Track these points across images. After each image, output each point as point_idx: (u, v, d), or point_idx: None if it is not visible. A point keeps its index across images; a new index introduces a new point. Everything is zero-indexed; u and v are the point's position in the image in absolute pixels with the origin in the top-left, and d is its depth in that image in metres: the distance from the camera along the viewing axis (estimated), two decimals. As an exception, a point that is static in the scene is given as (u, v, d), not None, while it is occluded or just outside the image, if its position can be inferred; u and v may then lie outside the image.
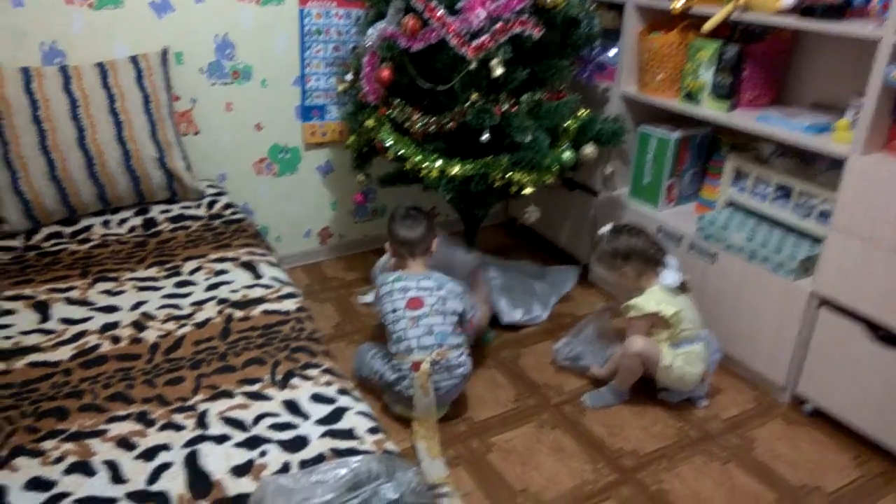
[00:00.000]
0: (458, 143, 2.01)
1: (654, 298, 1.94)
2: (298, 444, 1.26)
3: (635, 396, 2.08)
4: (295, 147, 2.67)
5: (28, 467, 1.18)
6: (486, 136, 1.89)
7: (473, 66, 1.83)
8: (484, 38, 1.81)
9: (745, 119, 2.08)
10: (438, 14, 1.83)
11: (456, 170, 1.93)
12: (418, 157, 1.98)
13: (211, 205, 2.24)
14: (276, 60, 2.49)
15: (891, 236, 1.69)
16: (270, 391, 1.40)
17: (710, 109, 2.17)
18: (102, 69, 2.06)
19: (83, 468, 1.18)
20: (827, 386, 1.94)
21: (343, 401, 1.38)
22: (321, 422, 1.32)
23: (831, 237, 1.85)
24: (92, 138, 2.00)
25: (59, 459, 1.19)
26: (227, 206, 2.27)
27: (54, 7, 2.08)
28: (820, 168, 2.08)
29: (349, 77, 2.23)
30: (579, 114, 2.14)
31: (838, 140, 1.84)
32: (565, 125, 2.07)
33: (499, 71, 1.83)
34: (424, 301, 1.86)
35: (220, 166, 2.54)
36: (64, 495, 1.12)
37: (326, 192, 2.80)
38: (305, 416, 1.33)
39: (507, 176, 1.94)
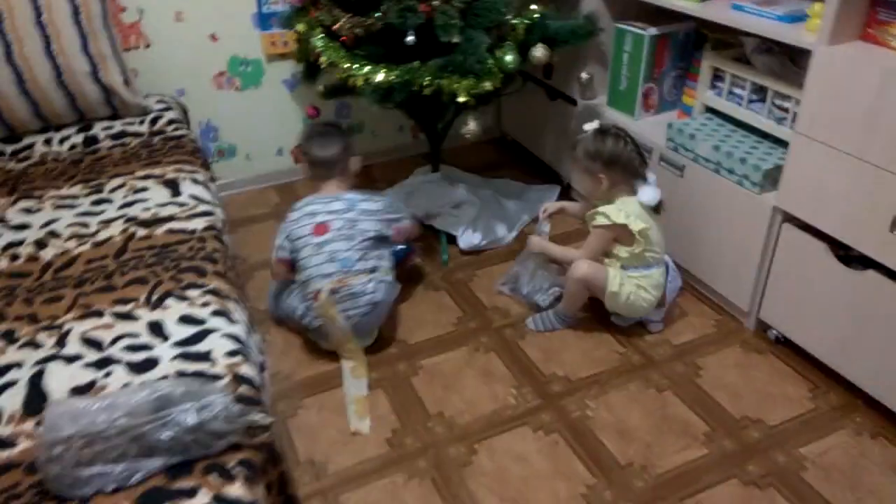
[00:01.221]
0: (391, 47, 1.85)
1: (626, 210, 1.76)
2: (146, 365, 1.22)
3: (585, 319, 1.95)
4: (256, 59, 2.55)
5: None
6: (410, 38, 1.72)
7: (389, -43, 1.64)
8: (397, -77, 1.61)
9: (719, 9, 1.81)
10: None
11: (380, 77, 1.77)
12: (346, 64, 1.83)
13: (154, 121, 2.18)
14: (225, -36, 2.34)
15: (856, 140, 1.46)
16: (140, 311, 1.36)
17: (684, 0, 1.90)
18: (26, -21, 1.98)
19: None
20: (790, 311, 1.75)
21: (213, 322, 1.33)
22: (179, 343, 1.27)
23: (794, 143, 1.62)
24: (19, 53, 1.95)
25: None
26: (171, 121, 2.20)
27: (-25, -86, 2.00)
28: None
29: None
30: (532, 11, 1.91)
31: (810, 29, 1.57)
32: (512, 24, 1.86)
33: (417, -38, 1.63)
34: (331, 226, 1.76)
35: (176, 81, 2.46)
36: None
37: (297, 108, 2.69)
38: (165, 338, 1.28)
39: (434, 83, 1.77)
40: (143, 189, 1.81)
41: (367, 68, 1.78)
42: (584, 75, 2.31)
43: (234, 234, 2.22)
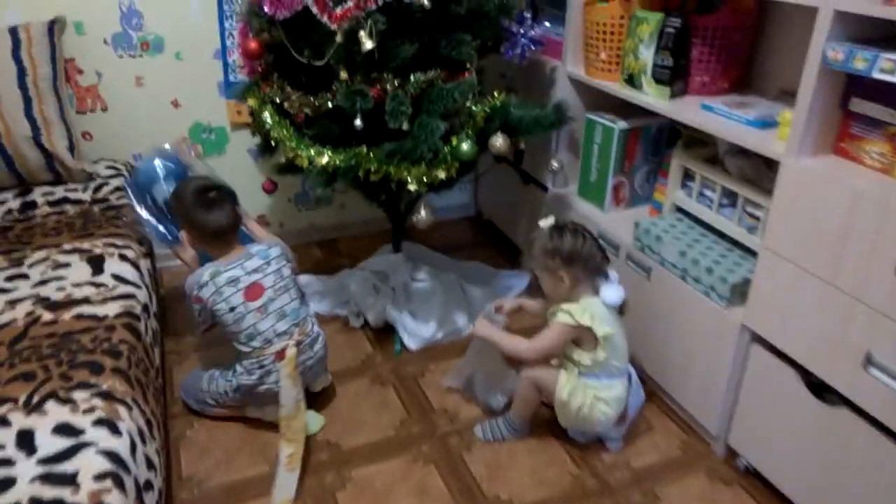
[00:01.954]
0: (343, 127, 1.75)
1: (591, 312, 1.61)
2: (0, 486, 1.05)
3: (541, 429, 1.78)
4: (220, 127, 2.47)
5: None
6: (358, 122, 1.62)
7: (339, 38, 1.56)
8: (349, 4, 1.54)
9: (688, 108, 1.72)
10: (301, -24, 1.56)
11: (324, 160, 1.67)
12: (293, 143, 1.73)
13: (99, 188, 2.08)
14: (192, 31, 2.29)
15: (826, 263, 1.32)
16: (14, 415, 1.20)
17: (651, 96, 1.81)
18: (-27, 39, 1.91)
19: None
20: (760, 440, 1.58)
21: (92, 434, 1.17)
22: (44, 461, 1.11)
23: (762, 258, 1.48)
24: (-44, 114, 1.86)
25: None
26: (118, 189, 2.10)
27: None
28: (781, 171, 1.69)
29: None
30: (495, 98, 1.82)
31: (781, 137, 1.46)
32: (471, 111, 1.77)
33: (368, 44, 1.55)
34: (264, 284, 1.65)
35: (134, 145, 2.37)
36: None
37: (260, 177, 2.58)
38: (31, 451, 1.13)
39: (382, 169, 1.66)
40: (65, 265, 1.69)
41: (311, 150, 1.67)
42: (554, 163, 2.20)
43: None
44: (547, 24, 2.15)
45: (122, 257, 1.75)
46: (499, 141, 1.80)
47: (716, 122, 1.62)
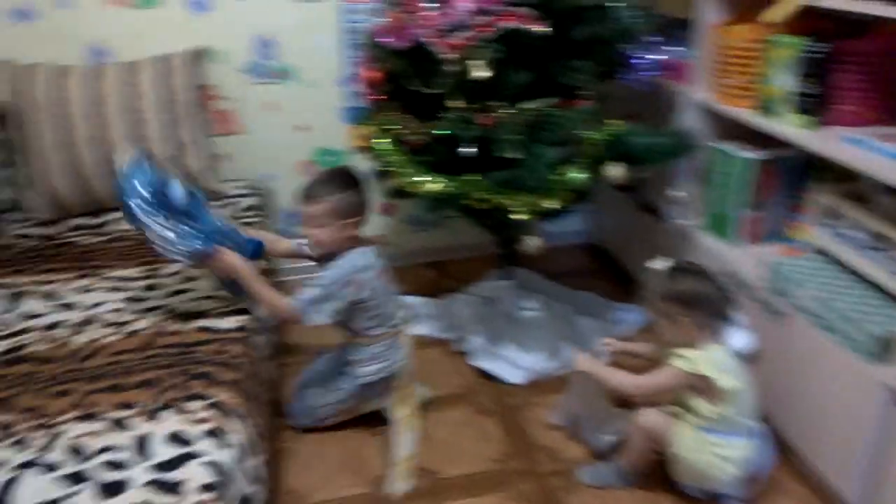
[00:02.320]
0: (453, 156, 1.75)
1: (715, 361, 1.50)
2: (115, 489, 1.13)
3: (651, 479, 1.67)
4: (341, 150, 2.56)
5: None
6: (466, 150, 1.62)
7: (453, 67, 1.56)
8: (465, 34, 1.54)
9: (831, 141, 1.56)
10: (420, 6, 1.58)
11: (433, 187, 1.67)
12: (404, 169, 1.75)
13: (227, 206, 2.21)
14: (319, 59, 2.40)
15: None
16: (135, 421, 1.29)
17: (790, 126, 1.67)
18: (128, 68, 2.11)
19: None
20: (908, 517, 1.38)
21: (200, 445, 1.23)
22: (156, 467, 1.18)
23: (917, 313, 1.30)
24: (109, 135, 2.05)
25: None
26: (249, 207, 2.23)
27: (97, 8, 2.17)
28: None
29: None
30: (611, 125, 1.75)
31: (945, 176, 1.29)
32: (585, 139, 1.71)
33: (479, 73, 1.54)
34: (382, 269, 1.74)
35: (264, 166, 2.51)
36: None
37: (377, 200, 2.65)
38: (145, 458, 1.20)
39: (489, 198, 1.64)
40: (194, 278, 1.80)
41: (420, 177, 1.69)
42: (676, 193, 2.09)
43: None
44: (673, 48, 2.04)
45: (246, 272, 1.84)
46: (614, 170, 1.72)
47: (864, 156, 1.46)
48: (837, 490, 1.57)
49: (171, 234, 1.50)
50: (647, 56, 1.86)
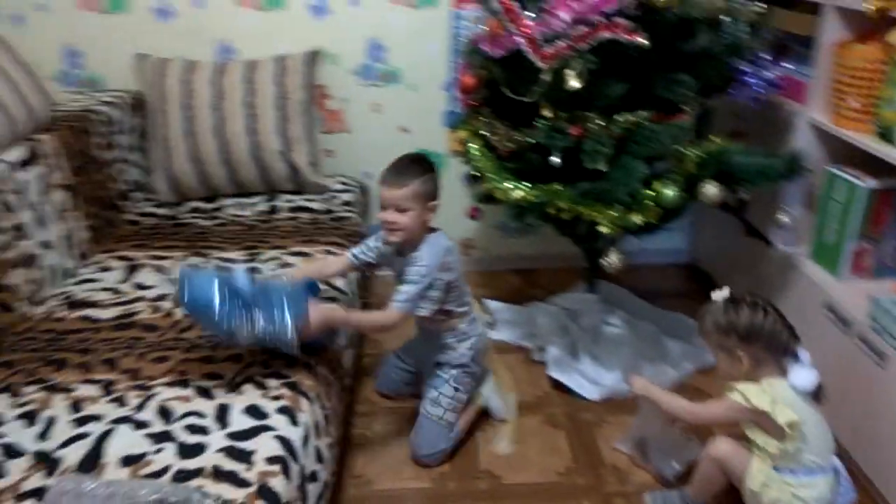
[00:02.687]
0: (543, 165, 1.76)
1: (772, 395, 1.43)
2: (194, 451, 1.23)
3: (720, 511, 1.60)
4: (440, 153, 2.62)
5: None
6: (554, 160, 1.62)
7: (547, 77, 1.57)
8: (560, 44, 1.54)
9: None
10: (517, 15, 1.60)
11: (518, 194, 1.68)
12: (492, 175, 1.78)
13: (330, 201, 2.33)
14: (426, 64, 2.47)
15: None
16: (219, 391, 1.39)
17: (911, 153, 1.54)
18: (249, 66, 2.27)
19: (29, 417, 1.31)
20: None
21: (274, 420, 1.32)
22: (232, 436, 1.27)
23: None
24: (228, 128, 2.22)
25: (23, 404, 1.35)
26: (346, 203, 2.34)
27: (229, 7, 2.36)
28: None
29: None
30: (714, 143, 1.69)
31: None
32: (682, 156, 1.66)
33: (574, 83, 1.54)
34: None
35: (365, 164, 2.61)
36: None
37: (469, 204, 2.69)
38: (223, 426, 1.30)
39: (573, 208, 1.63)
40: (288, 265, 1.91)
41: (507, 183, 1.70)
42: (782, 217, 1.98)
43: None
44: (790, 65, 1.94)
45: (338, 262, 1.93)
46: (710, 189, 1.66)
47: None
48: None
49: (262, 323, 1.37)
50: (759, 72, 1.78)
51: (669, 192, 1.62)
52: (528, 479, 1.73)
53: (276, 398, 1.37)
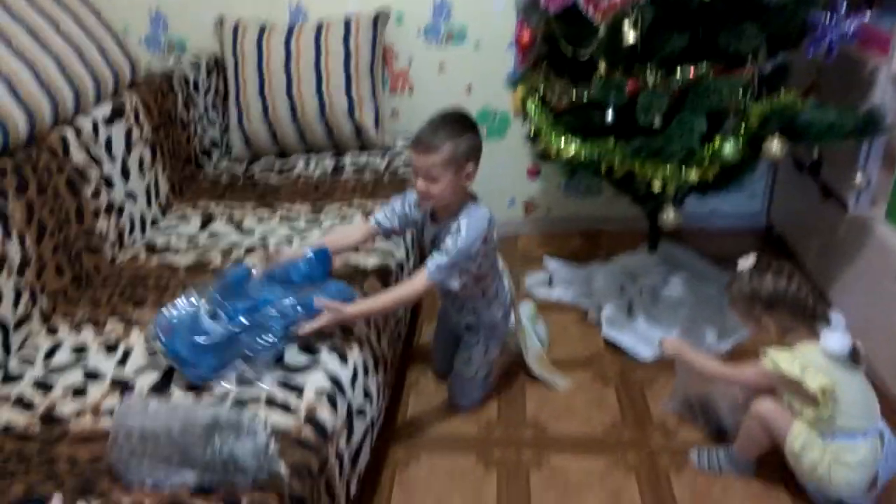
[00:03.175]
0: (600, 121, 1.74)
1: (803, 361, 1.40)
2: (250, 381, 1.34)
3: (770, 474, 1.58)
4: (505, 112, 2.63)
5: (86, 333, 1.51)
6: (609, 115, 1.60)
7: (602, 31, 1.55)
8: (616, -2, 1.52)
9: None
10: (574, -32, 1.59)
11: (570, 150, 1.68)
12: (546, 132, 1.78)
13: (393, 159, 2.39)
14: (492, 24, 2.47)
15: None
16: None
17: None
18: (318, 27, 2.34)
19: (110, 347, 1.46)
20: None
21: (325, 358, 1.40)
22: (287, 369, 1.37)
23: None
24: (297, 89, 2.32)
25: (105, 336, 1.50)
26: (409, 163, 2.39)
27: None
28: None
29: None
30: (783, 98, 1.63)
31: None
32: (745, 110, 1.61)
33: (631, 37, 1.51)
34: None
35: (431, 124, 2.66)
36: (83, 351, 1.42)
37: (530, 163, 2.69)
38: (280, 361, 1.39)
39: (626, 164, 1.61)
40: (345, 218, 2.00)
41: (561, 139, 1.70)
42: (859, 178, 1.88)
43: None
44: (873, 15, 1.81)
45: (391, 218, 2.00)
46: (774, 146, 1.60)
47: None
48: None
49: (270, 338, 1.38)
50: (832, 24, 1.68)
51: (729, 147, 1.57)
52: (572, 431, 1.76)
53: (329, 336, 1.46)
